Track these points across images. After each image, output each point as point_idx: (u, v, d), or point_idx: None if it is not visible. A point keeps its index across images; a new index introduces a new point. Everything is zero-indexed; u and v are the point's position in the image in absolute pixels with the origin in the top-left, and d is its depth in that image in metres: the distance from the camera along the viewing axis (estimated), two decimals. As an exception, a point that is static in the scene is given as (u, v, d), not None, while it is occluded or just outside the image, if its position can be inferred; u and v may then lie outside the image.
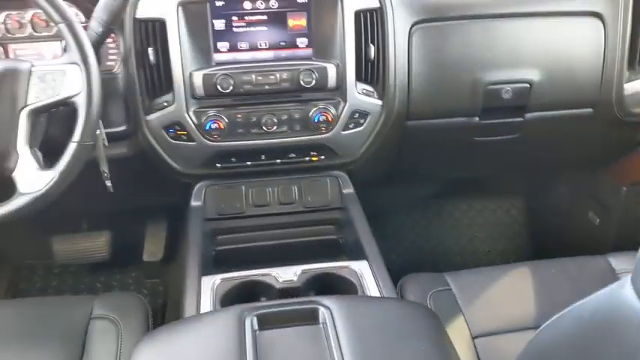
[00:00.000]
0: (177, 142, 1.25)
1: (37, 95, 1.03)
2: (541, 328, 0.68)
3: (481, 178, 1.85)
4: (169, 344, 0.84)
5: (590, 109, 1.40)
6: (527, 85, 1.34)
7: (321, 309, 0.86)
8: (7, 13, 1.28)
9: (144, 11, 1.19)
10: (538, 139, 1.48)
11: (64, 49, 1.19)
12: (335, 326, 0.83)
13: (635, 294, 0.51)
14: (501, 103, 1.34)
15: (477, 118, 1.36)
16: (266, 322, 0.85)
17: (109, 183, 1.20)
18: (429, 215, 1.94)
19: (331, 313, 0.85)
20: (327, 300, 0.88)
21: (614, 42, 1.35)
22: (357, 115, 1.28)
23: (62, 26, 1.02)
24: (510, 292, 1.22)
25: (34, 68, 1.04)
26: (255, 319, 0.84)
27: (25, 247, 1.84)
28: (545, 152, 1.58)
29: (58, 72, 1.03)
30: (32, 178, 1.02)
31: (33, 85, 1.03)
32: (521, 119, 1.39)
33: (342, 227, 1.31)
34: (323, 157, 1.32)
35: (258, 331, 0.83)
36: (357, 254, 1.16)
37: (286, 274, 1.09)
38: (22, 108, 1.02)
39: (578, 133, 1.47)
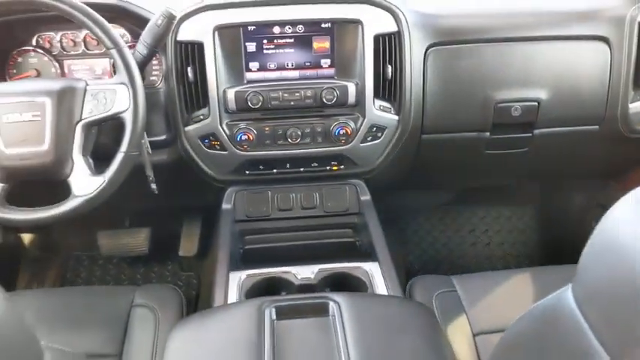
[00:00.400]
0: (211, 151, 1.39)
1: (91, 110, 1.18)
2: (511, 325, 0.79)
3: (496, 187, 1.94)
4: (199, 330, 0.98)
5: (596, 127, 1.47)
6: (536, 104, 1.42)
7: (331, 303, 0.99)
8: (63, 33, 1.45)
9: (184, 35, 1.33)
10: (547, 153, 1.57)
11: (113, 69, 1.36)
12: (342, 319, 0.95)
13: (573, 298, 0.61)
14: (511, 120, 1.43)
15: (487, 133, 1.46)
16: (283, 313, 0.98)
17: (154, 186, 1.35)
18: (446, 221, 2.03)
19: (340, 308, 0.98)
20: (336, 296, 1.01)
21: (620, 64, 1.42)
22: (374, 129, 1.39)
23: (113, 51, 1.17)
24: (513, 294, 1.31)
25: (89, 87, 1.19)
26: (273, 310, 0.98)
27: (74, 240, 2.02)
28: (554, 165, 1.66)
29: (109, 91, 1.18)
30: (85, 183, 1.17)
31: (87, 101, 1.18)
32: (530, 135, 1.48)
33: (358, 231, 1.43)
34: (343, 166, 1.44)
35: (275, 321, 0.96)
36: (370, 256, 1.28)
37: (304, 272, 1.22)
38: (78, 121, 1.17)
39: (585, 148, 1.56)
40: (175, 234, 1.95)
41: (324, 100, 1.34)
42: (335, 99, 1.35)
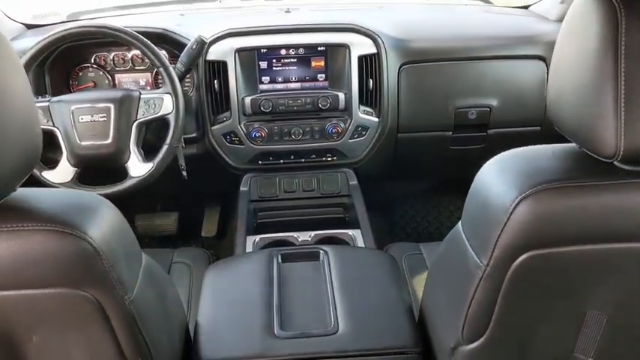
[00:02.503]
0: (231, 145, 1.76)
1: (144, 113, 1.55)
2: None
3: (466, 179, 2.28)
4: (227, 268, 1.35)
5: (538, 127, 1.82)
6: (488, 109, 1.78)
7: (321, 252, 1.36)
8: (115, 53, 1.83)
9: (212, 56, 1.70)
10: (501, 149, 1.92)
11: (154, 81, 1.74)
12: (329, 262, 1.32)
13: (461, 225, 0.97)
14: (468, 122, 1.80)
15: (450, 132, 1.82)
16: (286, 258, 1.34)
17: (185, 173, 1.72)
18: (428, 207, 2.36)
19: (327, 255, 1.35)
20: (325, 247, 1.38)
21: None
22: (360, 128, 1.76)
23: (161, 69, 1.54)
24: None
25: (142, 95, 1.56)
26: (280, 256, 1.34)
27: None
28: None
29: (157, 98, 1.55)
30: (138, 168, 1.55)
31: (141, 106, 1.55)
32: (485, 134, 1.83)
33: (347, 209, 1.79)
34: (335, 157, 1.80)
35: (281, 263, 1.33)
36: (355, 225, 1.65)
37: (304, 237, 1.59)
38: (134, 121, 1.54)
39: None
40: (198, 218, 2.29)
41: (320, 105, 1.72)
42: (328, 105, 1.72)
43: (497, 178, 0.87)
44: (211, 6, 2.14)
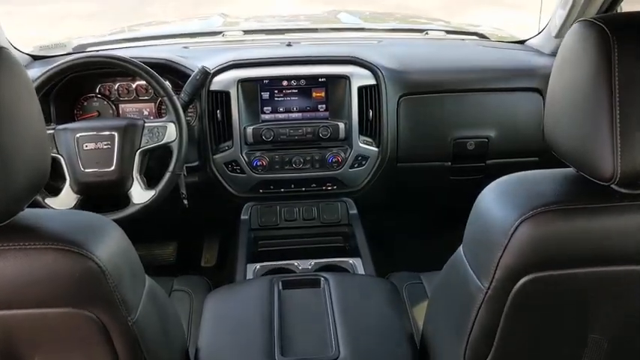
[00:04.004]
0: (233, 173, 1.78)
1: (147, 141, 1.57)
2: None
3: (470, 209, 2.27)
4: (227, 295, 1.35)
5: (536, 158, 1.85)
6: (486, 140, 1.82)
7: (322, 279, 1.36)
8: (119, 83, 1.87)
9: (215, 86, 1.74)
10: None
11: (158, 111, 1.77)
12: (330, 289, 1.33)
13: (462, 250, 0.98)
14: (467, 153, 1.82)
15: (449, 163, 1.85)
16: (287, 285, 1.35)
17: (186, 201, 1.74)
18: (428, 237, 2.30)
19: (328, 282, 1.35)
20: (326, 274, 1.38)
21: None
22: (359, 157, 1.79)
23: (165, 99, 1.57)
24: None
25: (146, 124, 1.58)
26: (280, 283, 1.35)
27: None
28: None
29: (161, 127, 1.58)
30: (140, 195, 1.56)
31: (144, 134, 1.57)
32: (483, 164, 1.86)
33: (347, 238, 1.80)
34: (335, 187, 1.82)
35: (282, 290, 1.33)
36: (355, 254, 1.66)
37: (304, 265, 1.59)
38: (137, 149, 1.56)
39: None
40: (198, 247, 2.29)
41: (320, 135, 1.75)
42: (329, 135, 1.75)
43: (497, 201, 0.89)
44: (214, 40, 2.19)
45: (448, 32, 2.26)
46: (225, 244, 2.27)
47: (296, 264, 1.59)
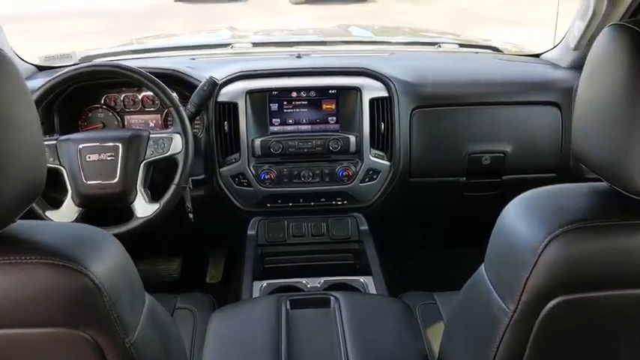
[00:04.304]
0: (240, 187, 1.73)
1: (152, 152, 1.53)
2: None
3: (484, 227, 2.20)
4: (232, 315, 1.29)
5: (553, 174, 1.79)
6: (502, 155, 1.76)
7: (332, 298, 1.30)
8: (125, 94, 1.83)
9: (223, 97, 1.70)
10: (516, 195, 1.89)
11: (164, 122, 1.73)
12: (340, 310, 1.26)
13: (484, 269, 0.92)
14: (482, 168, 1.77)
15: (464, 178, 1.79)
16: (296, 305, 1.29)
17: (191, 215, 1.68)
18: (442, 255, 2.24)
19: (339, 302, 1.29)
20: (336, 293, 1.32)
21: (569, 125, 1.74)
22: (371, 172, 1.73)
23: (172, 109, 1.53)
24: None
25: (151, 135, 1.54)
26: (288, 302, 1.29)
27: None
28: None
29: (167, 138, 1.53)
30: (144, 208, 1.51)
31: (149, 146, 1.52)
32: (499, 180, 1.80)
33: (358, 255, 1.74)
34: (345, 201, 1.77)
35: (290, 310, 1.27)
36: (366, 272, 1.59)
37: (313, 283, 1.53)
38: (142, 161, 1.52)
39: None
40: (203, 263, 2.24)
41: (330, 148, 1.69)
42: (339, 148, 1.70)
43: (523, 217, 0.83)
44: (222, 51, 2.15)
45: (461, 45, 2.21)
46: (231, 260, 2.21)
47: (304, 282, 1.53)
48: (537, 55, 2.05)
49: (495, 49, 2.19)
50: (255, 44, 2.21)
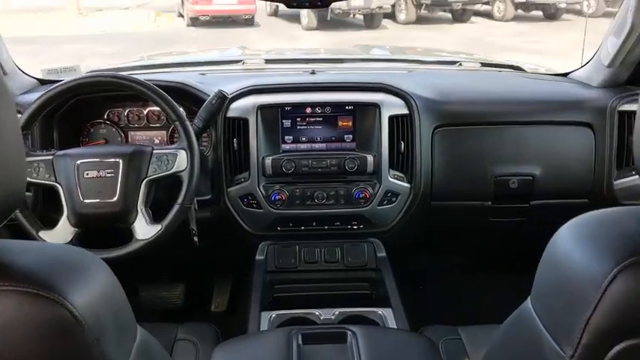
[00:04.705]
0: (248, 208, 1.61)
1: (155, 169, 1.42)
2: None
3: (508, 258, 2.04)
4: (237, 350, 1.16)
5: (585, 200, 1.67)
6: (530, 178, 1.63)
7: (349, 333, 1.17)
8: (129, 109, 1.73)
9: (232, 113, 1.60)
10: (545, 222, 1.75)
11: (170, 138, 1.62)
12: (358, 346, 1.13)
13: (531, 305, 0.79)
14: (509, 192, 1.64)
15: (489, 202, 1.66)
16: (308, 340, 1.16)
17: (196, 238, 1.57)
18: (466, 285, 2.10)
19: (356, 337, 1.16)
20: (354, 327, 1.19)
21: (603, 147, 1.63)
22: (389, 194, 1.61)
23: (177, 123, 1.42)
24: None
25: (155, 151, 1.43)
26: (300, 337, 1.16)
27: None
28: (550, 235, 1.84)
29: (171, 154, 1.42)
30: (145, 229, 1.40)
31: (152, 162, 1.41)
32: (527, 205, 1.68)
33: (374, 284, 1.61)
34: (362, 226, 1.64)
35: (302, 346, 1.14)
36: (384, 303, 1.46)
37: (326, 314, 1.40)
38: (144, 178, 1.41)
39: None
40: (208, 289, 2.12)
41: (346, 168, 1.58)
42: (356, 168, 1.58)
43: (581, 245, 0.71)
44: (234, 67, 2.07)
45: (483, 64, 2.11)
46: (238, 288, 2.09)
47: (317, 313, 1.40)
48: (565, 75, 1.94)
49: (519, 69, 2.09)
50: (267, 61, 2.12)
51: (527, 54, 8.01)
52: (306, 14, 11.16)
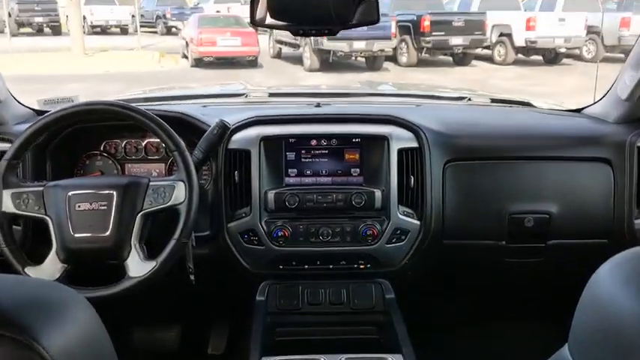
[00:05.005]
0: (249, 245, 1.52)
1: (151, 202, 1.33)
2: None
3: (525, 302, 1.94)
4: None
5: (605, 240, 1.58)
6: (547, 216, 1.55)
7: None
8: (127, 140, 1.67)
9: (234, 144, 1.52)
10: (562, 263, 1.66)
11: (168, 171, 1.55)
12: None
13: (569, 353, 0.70)
14: (524, 230, 1.55)
15: (504, 242, 1.57)
16: None
17: (192, 277, 1.47)
18: (481, 330, 1.99)
19: None
20: None
21: (623, 184, 1.55)
22: (398, 231, 1.52)
23: (175, 153, 1.35)
24: None
25: (151, 183, 1.35)
26: None
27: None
28: (569, 277, 1.74)
29: (168, 186, 1.34)
30: (139, 266, 1.31)
31: (148, 194, 1.33)
32: (543, 245, 1.59)
33: (383, 328, 1.50)
34: (369, 265, 1.54)
35: None
36: (393, 349, 1.35)
37: None
38: (139, 212, 1.33)
39: (595, 260, 1.64)
40: (205, 332, 2.01)
41: (353, 203, 1.49)
42: (363, 203, 1.49)
43: (626, 287, 0.63)
44: (236, 101, 2.01)
45: (493, 100, 2.06)
46: (237, 330, 1.98)
47: (322, 359, 1.29)
48: (578, 110, 1.88)
49: (529, 105, 2.03)
50: (271, 94, 2.07)
51: (529, 96, 8.02)
52: (309, 56, 11.27)
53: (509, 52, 12.41)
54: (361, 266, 1.55)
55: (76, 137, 1.59)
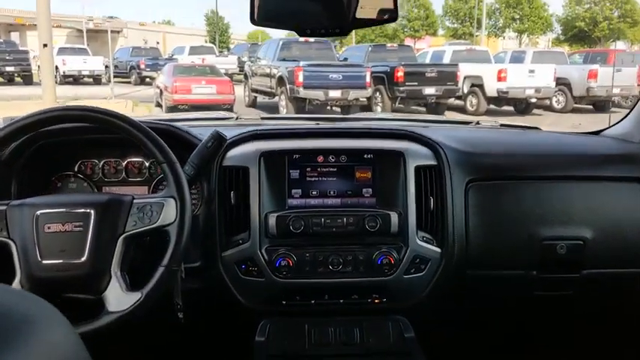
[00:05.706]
0: (247, 277, 1.32)
1: (135, 223, 1.14)
2: None
3: (561, 335, 1.78)
4: None
5: None
6: (581, 242, 1.39)
7: None
8: (105, 160, 1.47)
9: (229, 161, 1.35)
10: (597, 297, 1.49)
11: (153, 192, 1.35)
12: None
13: None
14: (557, 258, 1.39)
15: (534, 272, 1.40)
16: None
17: (181, 315, 1.26)
18: None
19: None
20: None
21: None
22: (417, 260, 1.34)
23: (164, 165, 1.16)
24: None
25: (135, 200, 1.16)
26: None
27: None
28: (604, 311, 1.57)
29: (156, 204, 1.15)
30: (120, 299, 1.10)
31: (132, 214, 1.14)
32: (577, 275, 1.42)
33: None
34: (385, 299, 1.36)
35: None
36: None
37: None
38: (121, 234, 1.13)
39: (633, 292, 1.49)
40: None
41: (366, 227, 1.31)
42: (377, 227, 1.32)
43: None
44: (227, 123, 1.84)
45: (502, 125, 1.93)
46: None
47: None
48: (596, 133, 1.76)
49: (538, 129, 1.91)
50: (264, 118, 1.90)
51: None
52: (285, 104, 11.27)
53: (482, 103, 12.64)
54: (375, 300, 1.36)
55: (47, 155, 1.39)
